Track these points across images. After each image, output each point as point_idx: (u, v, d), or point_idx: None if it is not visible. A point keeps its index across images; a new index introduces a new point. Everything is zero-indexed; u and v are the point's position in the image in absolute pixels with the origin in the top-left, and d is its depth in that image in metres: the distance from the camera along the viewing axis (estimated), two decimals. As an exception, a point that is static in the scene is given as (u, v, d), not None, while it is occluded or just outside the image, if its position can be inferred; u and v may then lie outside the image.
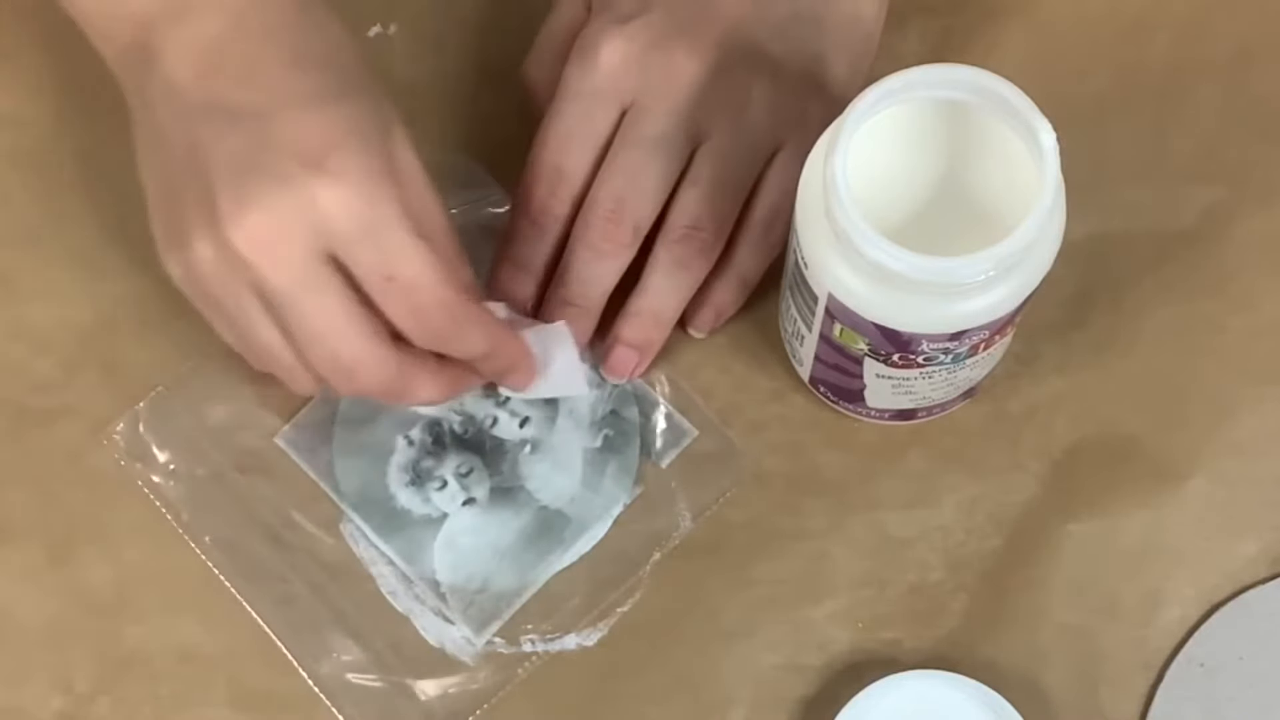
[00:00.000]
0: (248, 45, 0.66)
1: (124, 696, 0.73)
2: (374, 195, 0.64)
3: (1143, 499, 0.75)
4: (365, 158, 0.64)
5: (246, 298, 0.65)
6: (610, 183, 0.72)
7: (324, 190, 0.64)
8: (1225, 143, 0.79)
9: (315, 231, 0.64)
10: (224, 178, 0.64)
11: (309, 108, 0.65)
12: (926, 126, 0.67)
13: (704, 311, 0.76)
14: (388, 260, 0.65)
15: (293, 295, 0.65)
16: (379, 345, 0.66)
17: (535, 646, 0.73)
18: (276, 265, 0.64)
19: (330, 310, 0.65)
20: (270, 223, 0.64)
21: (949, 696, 0.71)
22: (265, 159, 0.64)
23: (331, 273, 0.65)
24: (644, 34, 0.72)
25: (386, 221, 0.65)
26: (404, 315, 0.66)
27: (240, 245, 0.64)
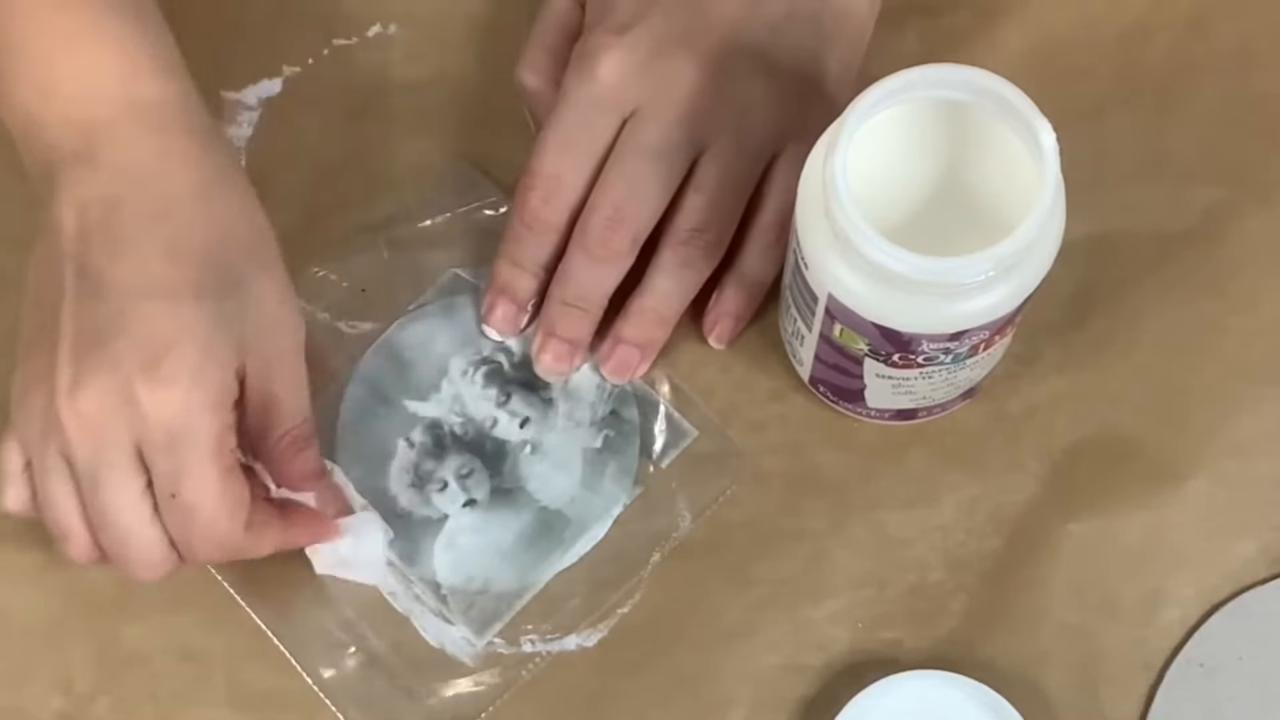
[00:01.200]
0: (133, 218, 0.66)
1: (124, 696, 0.73)
2: (187, 410, 0.65)
3: (1143, 499, 0.75)
4: (197, 367, 0.65)
5: (55, 459, 0.66)
6: (610, 190, 0.72)
7: (145, 392, 0.64)
8: (1225, 143, 0.79)
9: (130, 428, 0.65)
10: (68, 345, 0.65)
11: (165, 302, 0.65)
12: (926, 127, 0.67)
13: (722, 321, 0.76)
14: (176, 476, 0.65)
15: (96, 477, 0.65)
16: (160, 549, 0.67)
17: (536, 647, 0.73)
18: (89, 446, 0.65)
19: (126, 504, 0.66)
20: (93, 404, 0.65)
21: (949, 696, 0.71)
22: (108, 341, 0.65)
23: (138, 469, 0.65)
24: (644, 43, 0.72)
25: (189, 440, 0.65)
26: (176, 531, 0.67)
27: (64, 416, 0.65)
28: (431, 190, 0.78)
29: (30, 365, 0.67)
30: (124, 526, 0.66)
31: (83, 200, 0.66)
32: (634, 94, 0.72)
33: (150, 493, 0.66)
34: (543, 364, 0.76)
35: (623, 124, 0.73)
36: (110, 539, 0.66)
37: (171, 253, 0.66)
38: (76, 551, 0.68)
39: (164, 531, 0.66)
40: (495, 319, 0.76)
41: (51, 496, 0.67)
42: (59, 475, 0.66)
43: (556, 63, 0.76)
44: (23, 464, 0.68)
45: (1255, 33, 0.80)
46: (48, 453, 0.66)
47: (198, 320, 0.65)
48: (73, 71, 0.68)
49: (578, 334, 0.75)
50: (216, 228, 0.67)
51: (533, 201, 0.73)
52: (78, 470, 0.66)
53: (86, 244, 0.66)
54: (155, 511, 0.66)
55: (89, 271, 0.66)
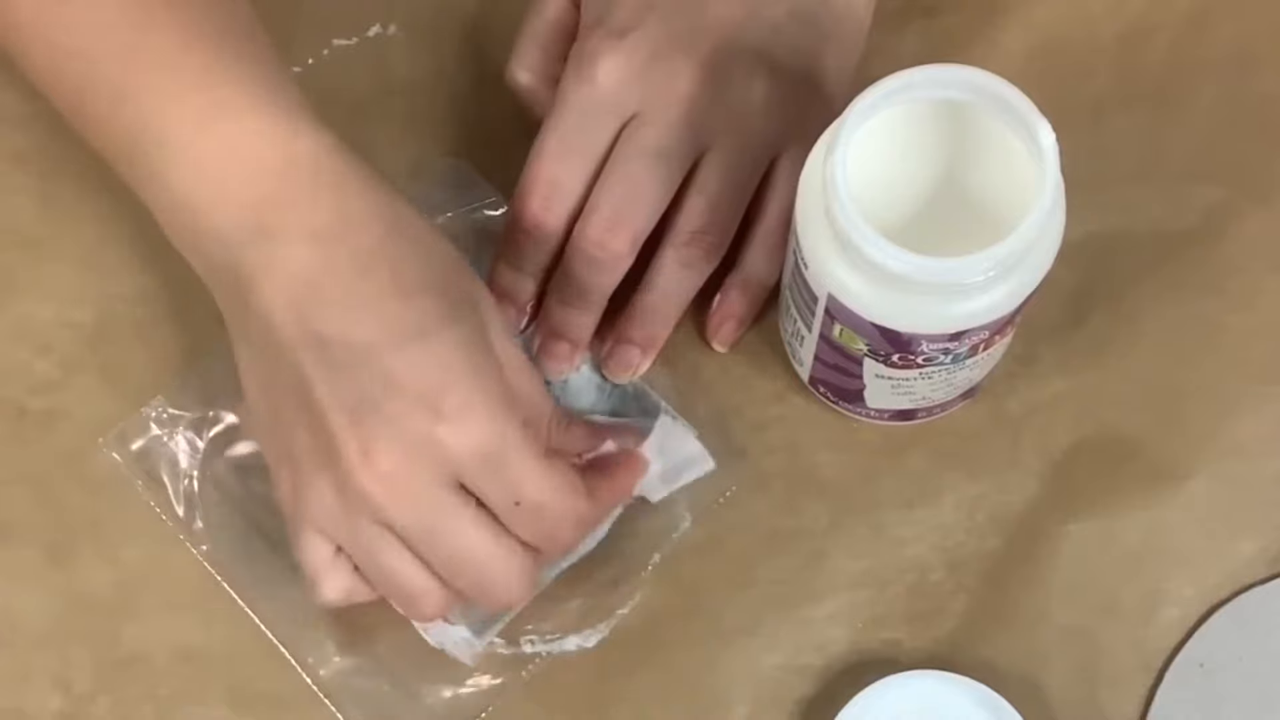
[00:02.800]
0: (342, 276, 0.64)
1: (124, 696, 0.73)
2: (493, 429, 0.64)
3: (1143, 499, 0.75)
4: (480, 390, 0.64)
5: (374, 530, 0.65)
6: (609, 193, 0.72)
7: (446, 431, 0.64)
8: (1225, 143, 0.79)
9: (441, 468, 0.64)
10: (341, 421, 0.63)
11: (415, 342, 0.64)
12: (926, 127, 0.67)
13: (726, 324, 0.76)
14: (512, 487, 0.65)
15: (428, 528, 0.65)
16: (518, 558, 0.67)
17: (536, 648, 0.73)
18: (407, 505, 0.64)
19: (469, 537, 0.65)
20: (397, 466, 0.64)
21: (949, 696, 0.71)
22: (382, 400, 0.63)
23: (463, 499, 0.65)
24: (643, 46, 0.72)
25: (508, 452, 0.65)
26: (533, 535, 0.67)
27: (367, 488, 0.64)
28: (431, 190, 0.78)
29: (296, 460, 0.65)
30: (480, 557, 0.65)
31: (285, 279, 0.64)
32: (633, 97, 0.72)
33: (484, 514, 0.65)
34: (542, 364, 0.76)
35: (621, 127, 0.73)
36: (468, 577, 0.66)
37: (400, 294, 0.64)
38: (434, 608, 0.67)
39: (514, 542, 0.66)
40: (494, 320, 0.76)
41: (387, 567, 0.66)
42: (386, 544, 0.65)
43: (549, 60, 0.76)
44: (331, 551, 0.66)
45: (1255, 33, 0.81)
46: (362, 529, 0.65)
47: (455, 347, 0.64)
48: (225, 149, 0.65)
49: (577, 334, 0.75)
50: (423, 257, 0.66)
51: (532, 206, 0.73)
52: (405, 531, 0.65)
53: (309, 321, 0.64)
54: (499, 528, 0.66)
55: (326, 344, 0.64)
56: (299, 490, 0.66)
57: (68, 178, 0.78)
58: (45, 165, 0.79)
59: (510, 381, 0.66)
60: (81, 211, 0.78)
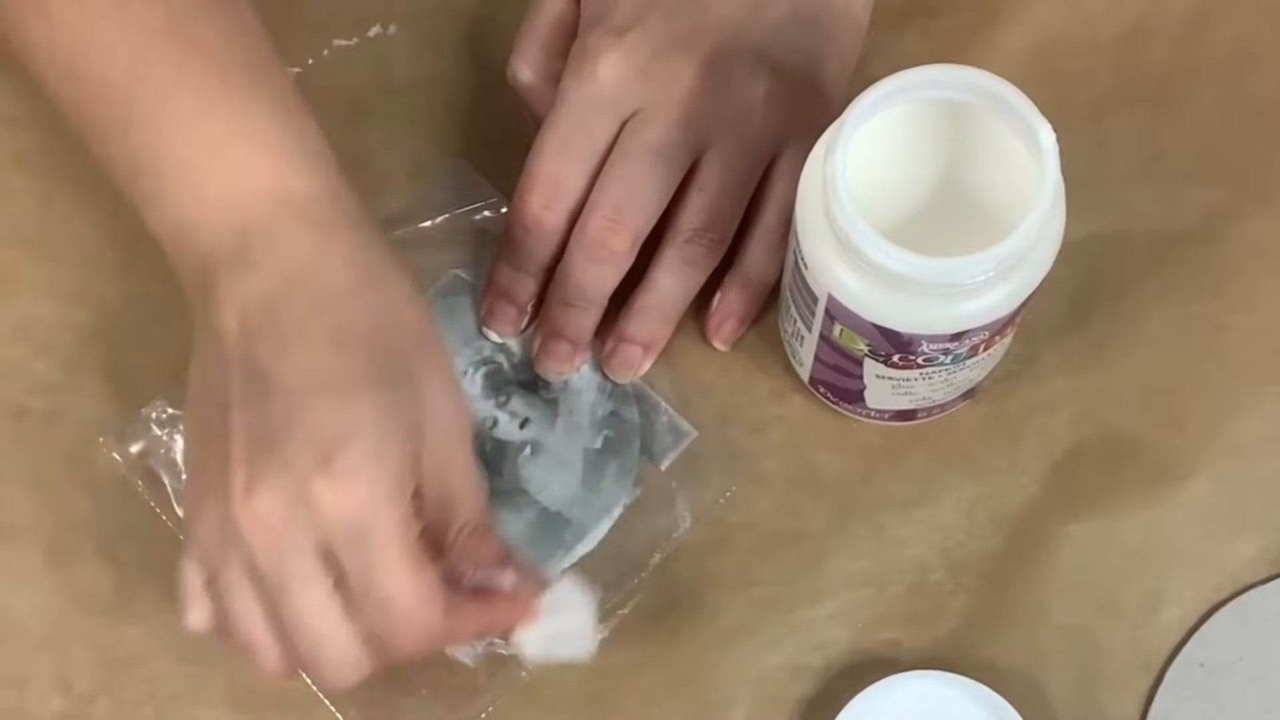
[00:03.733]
0: (295, 313, 0.64)
1: (124, 697, 0.73)
2: (370, 503, 0.62)
3: (1143, 499, 0.75)
4: (374, 459, 0.63)
5: (237, 570, 0.64)
6: (610, 191, 0.72)
7: (324, 489, 0.62)
8: (1225, 143, 0.79)
9: (312, 525, 0.63)
10: (241, 449, 0.63)
11: (334, 393, 0.63)
12: (926, 127, 0.67)
13: (726, 324, 0.76)
14: (367, 572, 0.63)
15: (281, 583, 0.63)
16: (355, 649, 0.64)
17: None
18: (270, 551, 0.63)
19: (315, 607, 0.63)
20: (272, 507, 0.62)
21: (949, 696, 0.71)
22: (281, 441, 0.62)
23: (324, 569, 0.63)
24: (644, 45, 0.72)
25: (376, 533, 0.63)
26: (375, 628, 0.64)
27: (242, 522, 0.63)
28: (431, 191, 0.78)
29: (202, 477, 0.65)
30: (317, 631, 0.64)
31: (244, 302, 0.64)
32: (633, 95, 0.72)
33: (339, 593, 0.64)
34: (543, 364, 0.76)
35: (622, 125, 0.73)
36: (304, 646, 0.64)
37: (337, 345, 0.64)
38: (268, 665, 0.65)
39: (358, 630, 0.64)
40: (495, 320, 0.76)
41: (237, 611, 0.64)
42: (242, 588, 0.64)
43: (550, 57, 0.76)
44: (203, 581, 0.65)
45: (1254, 34, 0.81)
46: (229, 566, 0.64)
47: (371, 410, 0.63)
48: (225, 177, 0.66)
49: (578, 333, 0.75)
50: (379, 317, 0.65)
51: (532, 205, 0.73)
52: (262, 579, 0.63)
53: (251, 346, 0.64)
54: (346, 611, 0.64)
55: (255, 373, 0.64)
56: (195, 507, 0.66)
57: (68, 178, 0.78)
58: (45, 165, 0.79)
59: (431, 467, 0.64)
60: (82, 211, 0.78)
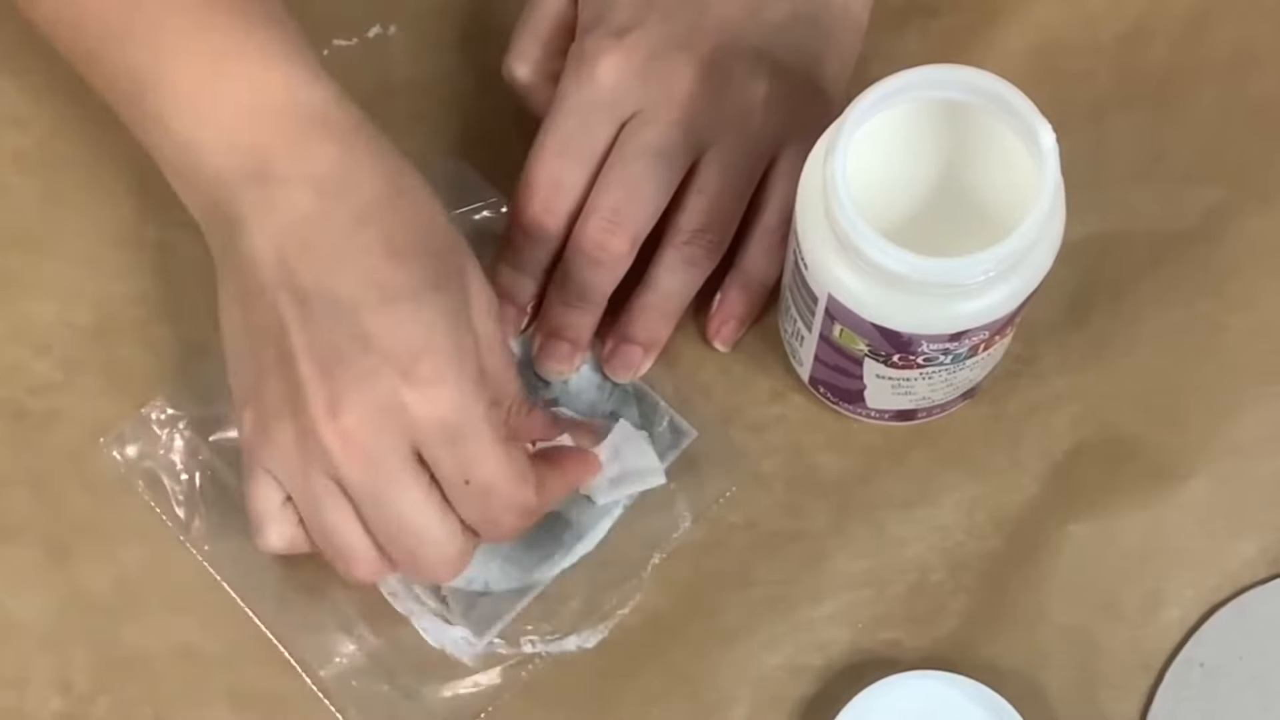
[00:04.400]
0: (336, 229, 0.64)
1: (124, 697, 0.73)
2: (460, 403, 0.64)
3: (1143, 499, 0.75)
4: (454, 359, 0.64)
5: (325, 483, 0.65)
6: (609, 192, 0.72)
7: (413, 396, 0.63)
8: (1225, 143, 0.79)
9: (403, 433, 0.64)
10: (312, 370, 0.63)
11: (399, 304, 0.64)
12: (926, 127, 0.67)
13: (727, 325, 0.76)
14: (466, 464, 0.65)
15: (378, 492, 0.64)
16: (458, 540, 0.66)
17: (536, 648, 0.73)
18: (363, 464, 0.64)
19: (415, 508, 0.65)
20: (360, 424, 0.63)
21: (949, 696, 0.71)
22: (356, 356, 0.63)
23: (418, 471, 0.65)
24: (643, 46, 0.72)
25: (470, 428, 0.64)
26: (476, 516, 0.66)
27: (328, 440, 0.63)
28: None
29: (262, 400, 0.65)
30: (420, 529, 0.65)
31: (277, 223, 0.64)
32: (633, 97, 0.72)
33: (435, 488, 0.65)
34: (543, 364, 0.76)
35: (621, 126, 0.73)
36: (405, 547, 0.65)
37: (389, 254, 0.64)
38: (365, 571, 0.66)
39: (458, 522, 0.66)
40: (495, 321, 0.76)
41: (330, 523, 0.65)
42: (334, 500, 0.65)
43: (547, 55, 0.76)
44: (281, 499, 0.66)
45: (1254, 34, 0.81)
46: (314, 480, 0.64)
47: (437, 313, 0.64)
48: (232, 91, 0.65)
49: (577, 333, 0.75)
50: (420, 220, 0.66)
51: (532, 207, 0.73)
52: (354, 490, 0.64)
53: (295, 268, 0.64)
54: (445, 505, 0.65)
55: (308, 293, 0.64)
56: (260, 433, 0.66)
57: (68, 178, 0.78)
58: (45, 165, 0.79)
59: (483, 359, 0.66)
60: (82, 211, 0.78)
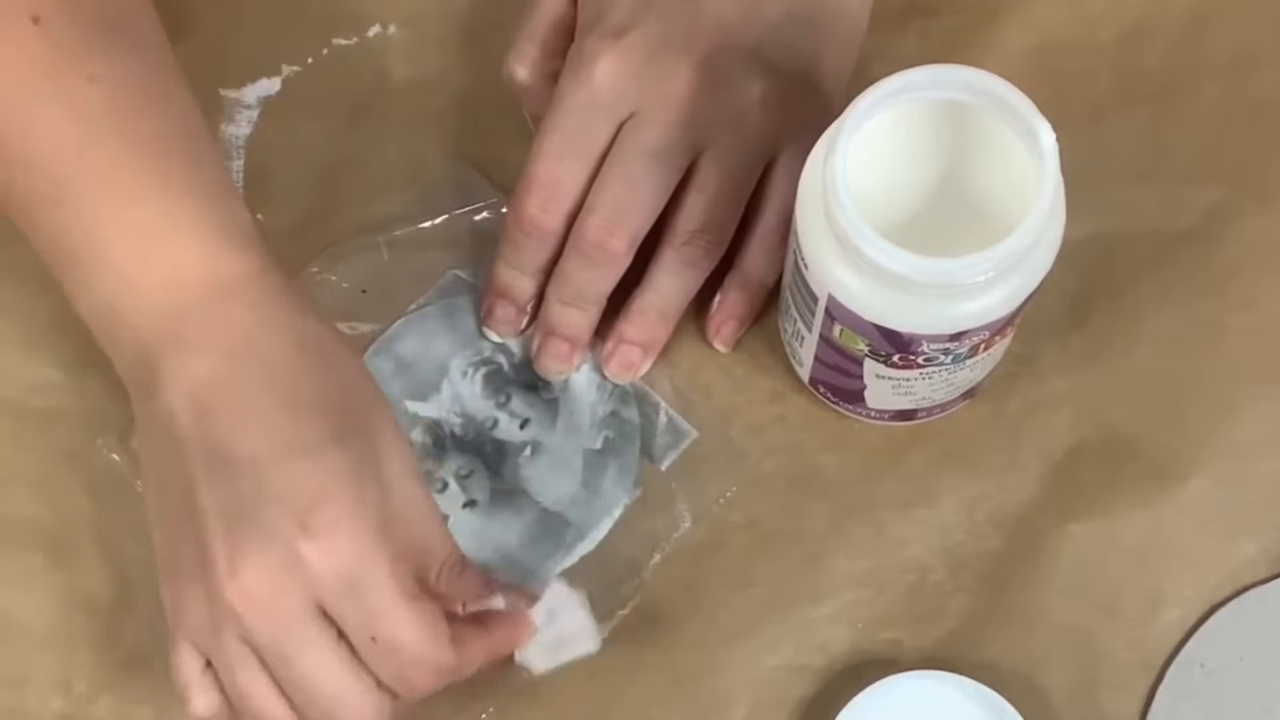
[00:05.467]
0: (244, 389, 0.65)
1: (124, 697, 0.73)
2: (359, 553, 0.64)
3: (1143, 499, 0.75)
4: (354, 510, 0.64)
5: (236, 646, 0.64)
6: (607, 193, 0.72)
7: (311, 548, 0.63)
8: (1225, 143, 0.79)
9: (304, 588, 0.63)
10: (216, 528, 0.64)
11: (300, 457, 0.64)
12: (926, 127, 0.67)
13: (727, 325, 0.76)
14: (369, 619, 0.64)
15: (284, 651, 0.64)
16: (372, 698, 0.65)
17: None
18: (267, 622, 0.64)
19: (323, 666, 0.64)
20: (261, 579, 0.63)
21: (949, 696, 0.71)
22: (256, 512, 0.63)
23: (323, 627, 0.64)
24: (641, 47, 0.72)
25: (370, 580, 0.64)
26: (388, 674, 0.65)
27: (232, 600, 0.63)
28: (431, 191, 0.78)
29: (176, 563, 0.66)
30: (331, 688, 0.64)
31: (190, 386, 0.65)
32: (631, 97, 0.72)
33: (344, 644, 0.64)
34: (542, 363, 0.76)
35: (619, 127, 0.73)
36: (319, 706, 0.65)
37: (294, 411, 0.65)
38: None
39: (371, 679, 0.65)
40: (494, 321, 0.76)
41: (244, 686, 0.65)
42: (246, 662, 0.64)
43: (546, 56, 0.76)
44: (201, 665, 0.66)
45: (1254, 34, 0.80)
46: (226, 643, 0.64)
47: (339, 467, 0.64)
48: (155, 264, 0.66)
49: (576, 333, 0.75)
50: (327, 380, 0.66)
51: (530, 208, 0.73)
52: (262, 650, 0.64)
53: (206, 425, 0.64)
54: (356, 663, 0.65)
55: (216, 451, 0.64)
56: (177, 597, 0.66)
57: (68, 178, 0.78)
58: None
59: (400, 514, 0.65)
60: (81, 212, 0.78)
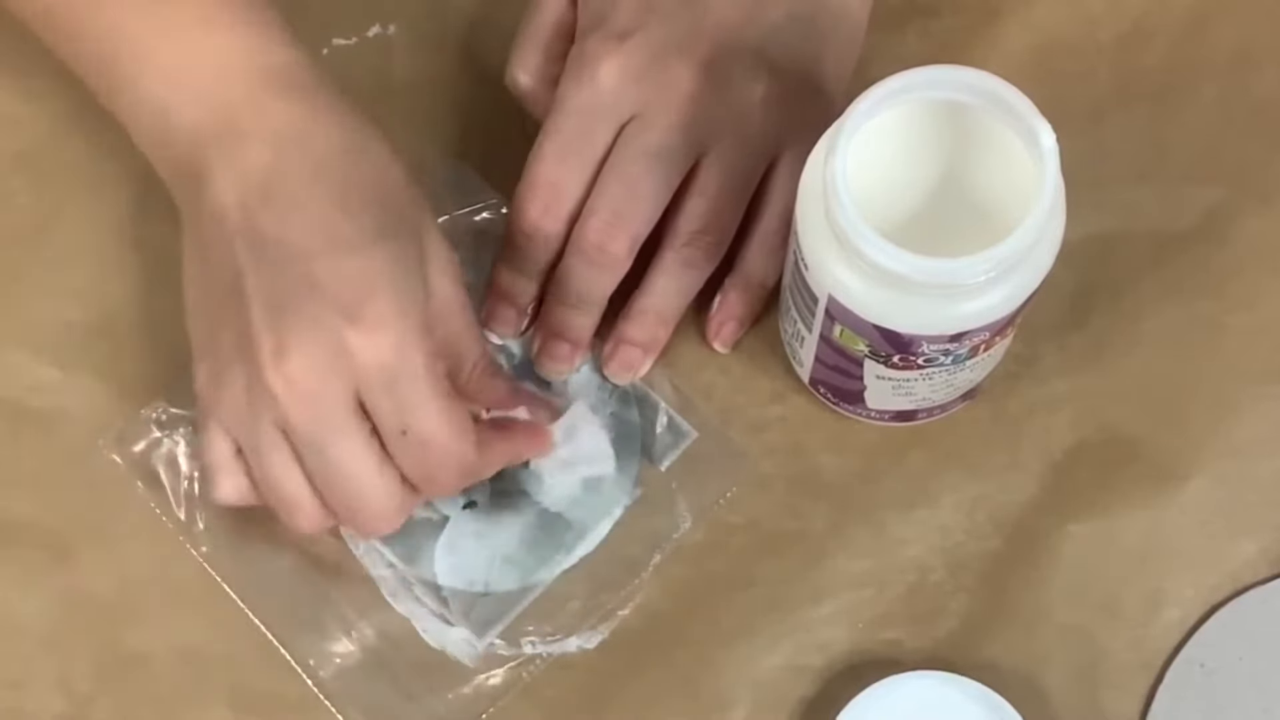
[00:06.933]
0: (294, 179, 0.66)
1: (124, 698, 0.73)
2: (402, 348, 0.65)
3: (1143, 499, 0.75)
4: (399, 306, 0.65)
5: (270, 431, 0.66)
6: (608, 195, 0.72)
7: (357, 339, 0.64)
8: (1225, 143, 0.79)
9: (347, 379, 0.65)
10: (263, 315, 0.65)
11: (350, 251, 0.65)
12: (926, 127, 0.67)
13: (727, 326, 0.76)
14: (403, 412, 0.65)
15: (319, 439, 0.65)
16: (396, 493, 0.67)
17: (536, 649, 0.73)
18: (306, 409, 0.65)
19: (355, 457, 0.66)
20: (305, 368, 0.64)
21: (949, 697, 0.71)
22: (304, 302, 0.64)
23: (360, 419, 0.65)
24: (642, 50, 0.72)
25: (410, 376, 0.65)
26: (414, 469, 0.67)
27: (273, 385, 0.64)
28: (430, 191, 0.78)
29: (217, 350, 0.66)
30: (358, 479, 0.66)
31: (240, 174, 0.66)
32: (632, 99, 0.72)
33: (375, 440, 0.66)
34: (542, 365, 0.76)
35: (620, 129, 0.73)
36: (344, 497, 0.66)
37: (343, 205, 0.66)
38: (308, 521, 0.67)
39: (397, 475, 0.66)
40: (495, 322, 0.76)
41: (273, 472, 0.66)
42: (278, 449, 0.66)
43: (549, 61, 0.76)
44: (232, 450, 0.67)
45: (1254, 34, 0.81)
46: (261, 428, 0.65)
47: (386, 263, 0.65)
48: (203, 55, 0.67)
49: (577, 334, 0.75)
50: (375, 175, 0.67)
51: (532, 211, 0.73)
52: (297, 437, 0.65)
53: (254, 216, 0.65)
54: (385, 457, 0.66)
55: (265, 241, 0.65)
56: (213, 382, 0.67)
57: (68, 177, 0.78)
58: (45, 165, 0.79)
59: (437, 314, 0.67)
60: (83, 212, 0.78)
